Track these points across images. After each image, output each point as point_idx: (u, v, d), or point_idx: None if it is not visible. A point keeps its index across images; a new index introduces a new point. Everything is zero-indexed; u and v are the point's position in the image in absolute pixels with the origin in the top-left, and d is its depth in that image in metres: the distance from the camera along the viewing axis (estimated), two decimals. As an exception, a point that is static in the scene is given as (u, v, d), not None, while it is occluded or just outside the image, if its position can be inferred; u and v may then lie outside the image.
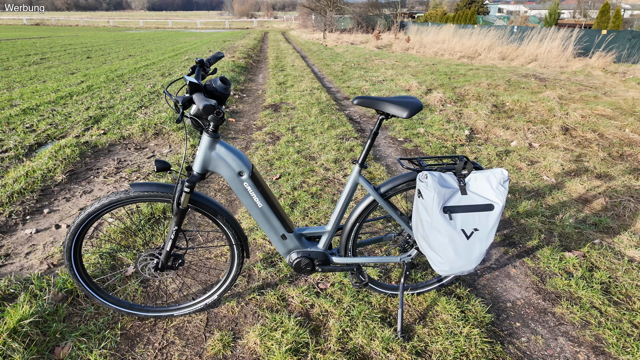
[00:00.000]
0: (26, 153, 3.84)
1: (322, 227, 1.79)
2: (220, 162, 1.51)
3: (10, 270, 2.13)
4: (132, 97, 6.37)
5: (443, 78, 9.12)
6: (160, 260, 1.65)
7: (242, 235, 1.74)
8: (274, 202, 1.65)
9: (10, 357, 1.51)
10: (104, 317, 1.83)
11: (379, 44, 19.38)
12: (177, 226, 1.58)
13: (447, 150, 4.38)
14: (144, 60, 11.76)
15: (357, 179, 1.65)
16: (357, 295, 2.00)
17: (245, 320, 1.87)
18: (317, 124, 5.08)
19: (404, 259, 1.82)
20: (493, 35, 15.53)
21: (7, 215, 2.66)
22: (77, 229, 1.54)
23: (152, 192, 1.54)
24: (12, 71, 9.27)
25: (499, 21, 32.25)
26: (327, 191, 3.21)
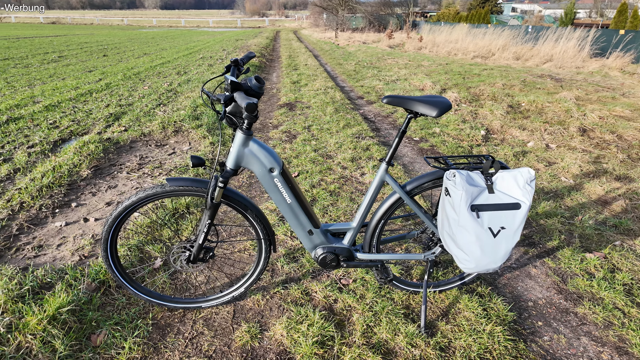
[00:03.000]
0: (51, 148, 3.95)
1: (348, 224, 1.83)
2: (253, 159, 1.56)
3: (44, 261, 2.21)
4: (150, 94, 6.48)
5: (457, 78, 9.08)
6: (193, 253, 1.70)
7: (270, 230, 1.79)
8: (302, 198, 1.69)
9: (50, 343, 1.59)
10: (136, 307, 1.90)
11: (391, 43, 19.32)
12: (210, 220, 1.63)
13: (464, 150, 4.38)
14: (159, 58, 11.92)
15: (383, 177, 1.69)
16: (379, 292, 2.04)
17: (271, 313, 1.91)
18: (332, 123, 5.11)
19: (428, 257, 1.85)
20: (507, 34, 15.37)
21: (38, 208, 2.75)
22: (115, 221, 1.60)
23: (187, 187, 1.59)
24: (32, 69, 9.48)
25: (513, 20, 31.89)
26: (345, 189, 3.25)
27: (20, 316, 1.66)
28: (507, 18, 34.75)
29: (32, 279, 1.90)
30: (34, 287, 1.87)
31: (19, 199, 2.80)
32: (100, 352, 1.64)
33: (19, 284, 1.84)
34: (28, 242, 2.39)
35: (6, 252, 2.28)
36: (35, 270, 2.00)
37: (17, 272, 1.95)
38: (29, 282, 1.87)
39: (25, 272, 2.00)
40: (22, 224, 2.55)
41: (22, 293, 1.79)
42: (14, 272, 1.94)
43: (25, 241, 2.40)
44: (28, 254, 2.27)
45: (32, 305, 1.72)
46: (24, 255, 2.26)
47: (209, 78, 1.57)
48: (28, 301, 1.76)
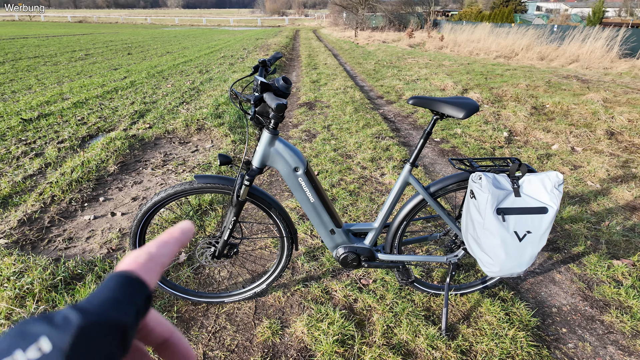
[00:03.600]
0: (80, 144, 4.08)
1: (370, 224, 1.83)
2: (278, 158, 1.58)
3: (74, 253, 2.30)
4: (173, 93, 6.62)
5: (479, 78, 8.93)
6: (218, 249, 1.74)
7: (292, 228, 1.81)
8: (325, 198, 1.71)
9: (82, 332, 1.65)
10: (161, 300, 1.95)
11: (412, 42, 19.13)
12: (236, 217, 1.67)
13: (486, 152, 4.31)
14: (182, 57, 12.14)
15: (407, 178, 1.69)
16: (399, 293, 2.04)
17: (292, 310, 1.94)
18: (352, 123, 5.11)
19: (451, 259, 1.84)
20: (532, 34, 15.02)
21: (68, 202, 2.85)
22: (144, 215, 1.65)
23: (214, 184, 1.63)
24: (61, 66, 9.80)
25: (537, 20, 31.11)
26: (364, 189, 3.25)
27: (54, 305, 1.73)
28: (532, 17, 33.91)
29: (63, 270, 1.98)
30: (66, 277, 1.95)
31: (50, 193, 2.91)
32: (128, 343, 1.69)
33: (52, 274, 1.92)
34: (59, 234, 2.48)
35: (39, 243, 2.38)
36: (66, 262, 2.08)
37: (50, 263, 2.03)
38: (61, 273, 1.94)
39: (58, 263, 2.08)
40: (53, 217, 2.65)
41: (55, 283, 1.87)
42: (47, 262, 2.02)
43: (56, 233, 2.50)
44: (59, 246, 2.36)
45: (65, 295, 1.79)
46: (56, 246, 2.36)
47: (238, 78, 1.60)
48: (60, 291, 1.83)
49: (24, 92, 6.62)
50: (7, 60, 10.70)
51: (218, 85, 7.10)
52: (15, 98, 6.16)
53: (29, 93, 6.56)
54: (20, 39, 18.32)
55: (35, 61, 10.64)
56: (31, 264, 1.99)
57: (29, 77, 8.18)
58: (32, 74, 8.50)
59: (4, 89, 6.85)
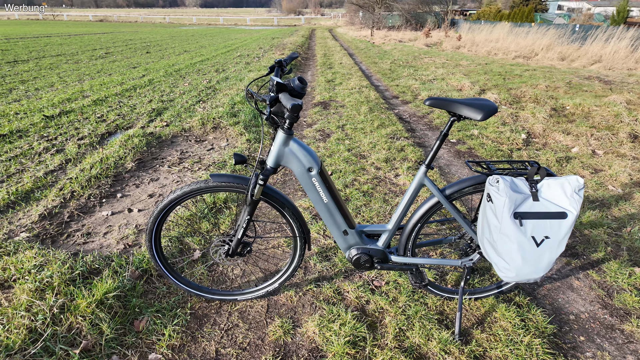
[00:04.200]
0: (99, 141, 4.17)
1: (383, 226, 1.82)
2: (292, 158, 1.59)
3: (92, 248, 2.35)
4: (190, 91, 6.70)
5: (497, 78, 8.78)
6: (231, 247, 1.75)
7: (305, 228, 1.81)
8: (338, 198, 1.70)
9: (98, 325, 1.69)
10: (175, 296, 1.98)
11: (429, 41, 18.93)
12: (249, 216, 1.68)
13: (503, 154, 4.24)
14: (199, 56, 12.28)
15: (422, 180, 1.67)
16: (412, 296, 2.02)
17: (304, 310, 1.94)
18: (366, 123, 5.09)
19: (465, 263, 1.81)
20: (552, 34, 14.70)
21: (87, 198, 2.92)
22: (160, 213, 1.68)
23: (229, 183, 1.64)
24: (82, 64, 10.03)
25: (558, 19, 30.39)
26: (378, 190, 3.23)
27: (72, 298, 1.78)
28: (553, 16, 33.14)
29: (82, 264, 2.02)
30: (84, 272, 1.99)
31: (70, 188, 2.98)
32: (142, 337, 1.72)
33: (70, 268, 1.96)
34: (78, 229, 2.54)
35: (59, 238, 2.44)
36: (84, 256, 2.13)
37: (69, 257, 2.08)
38: (79, 267, 1.99)
39: (76, 257, 2.13)
40: (72, 212, 2.72)
41: (73, 277, 1.91)
42: (66, 256, 2.07)
43: (75, 228, 2.56)
44: (78, 240, 2.42)
45: (82, 289, 1.83)
46: (74, 241, 2.41)
47: (254, 78, 1.62)
48: (78, 285, 1.88)
49: (47, 90, 6.80)
50: (32, 58, 11.01)
51: (234, 84, 7.16)
52: (39, 95, 6.33)
53: (51, 90, 6.73)
54: (44, 37, 18.83)
55: (58, 59, 10.91)
56: (51, 257, 2.04)
57: (52, 74, 8.40)
58: (54, 72, 8.73)
59: (27, 86, 7.05)
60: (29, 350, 1.54)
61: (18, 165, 3.46)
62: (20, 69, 9.00)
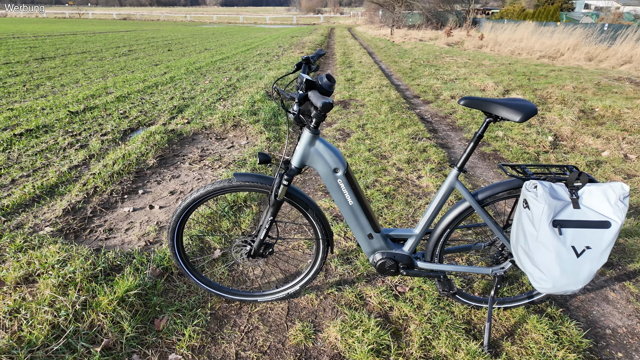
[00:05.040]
0: (121, 137, 4.22)
1: (410, 230, 1.75)
2: (318, 158, 1.54)
3: (114, 244, 2.36)
4: (211, 89, 6.74)
5: (522, 79, 8.54)
6: (253, 248, 1.72)
7: (329, 230, 1.76)
8: (364, 201, 1.65)
9: (119, 324, 1.67)
10: (195, 296, 1.96)
11: (450, 41, 18.60)
12: (272, 217, 1.64)
13: (530, 156, 4.09)
14: (219, 54, 12.37)
15: (453, 184, 1.59)
16: (437, 303, 1.94)
17: (325, 314, 1.89)
18: (387, 122, 5.00)
19: (496, 272, 1.73)
20: (579, 33, 14.23)
21: (109, 193, 2.94)
22: (183, 212, 1.65)
23: (252, 183, 1.61)
24: (106, 61, 10.23)
25: (585, 18, 29.43)
26: (400, 192, 3.15)
27: (94, 295, 1.77)
28: (579, 15, 32.12)
29: (103, 261, 2.02)
30: (106, 268, 1.99)
31: (93, 184, 3.01)
32: (163, 337, 1.70)
33: (92, 264, 1.97)
34: (100, 225, 2.56)
35: (82, 233, 2.46)
36: (106, 253, 2.13)
37: (92, 253, 2.09)
38: (101, 264, 1.99)
39: (98, 253, 2.13)
40: (95, 207, 2.74)
41: (95, 273, 1.92)
42: (88, 252, 2.08)
43: (97, 223, 2.58)
44: (100, 236, 2.43)
45: (104, 285, 1.83)
46: (97, 236, 2.43)
47: (281, 75, 1.57)
48: (100, 281, 1.87)
49: (72, 86, 6.94)
50: (58, 55, 11.29)
51: (254, 83, 7.17)
52: (64, 91, 6.47)
53: (76, 87, 6.87)
54: (70, 35, 19.33)
55: (83, 56, 11.16)
56: (74, 253, 2.05)
57: (77, 71, 8.58)
58: (79, 69, 8.92)
59: (54, 82, 7.22)
60: (51, 346, 1.54)
61: (43, 159, 3.52)
62: (47, 66, 9.23)
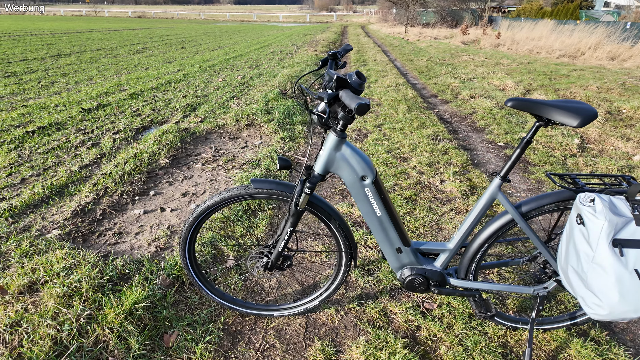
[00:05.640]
0: (133, 135, 4.13)
1: (443, 244, 1.59)
2: (344, 165, 1.39)
3: (123, 249, 2.25)
4: (224, 87, 6.63)
5: (542, 78, 8.26)
6: (271, 260, 1.58)
7: (352, 242, 1.61)
8: (393, 212, 1.49)
9: (126, 340, 1.56)
10: (208, 308, 1.83)
11: (465, 39, 18.25)
12: (292, 227, 1.50)
13: (557, 160, 3.88)
14: (232, 52, 12.30)
15: (495, 194, 1.43)
16: (469, 322, 1.78)
17: (346, 333, 1.75)
18: (405, 122, 4.83)
19: (538, 292, 1.56)
20: (601, 32, 13.79)
21: (119, 195, 2.84)
22: (196, 220, 1.52)
23: (271, 190, 1.47)
24: (120, 59, 10.23)
25: (606, 17, 28.61)
26: (422, 197, 2.99)
27: (100, 307, 1.66)
28: (600, 14, 31.26)
29: (111, 269, 1.91)
30: (113, 277, 1.88)
31: (104, 184, 2.91)
32: (172, 355, 1.58)
33: (99, 272, 1.86)
34: (109, 228, 2.46)
35: (90, 237, 2.36)
36: (114, 259, 2.02)
37: (99, 260, 1.98)
38: (109, 272, 1.88)
39: (106, 260, 2.02)
40: (105, 209, 2.64)
41: (102, 282, 1.80)
42: (95, 259, 1.97)
43: (107, 227, 2.47)
44: (109, 240, 2.32)
45: (111, 296, 1.71)
46: (105, 241, 2.32)
47: (306, 72, 1.44)
48: (107, 292, 1.76)
49: (86, 83, 6.92)
50: (74, 52, 11.34)
51: (268, 81, 7.05)
52: (78, 88, 6.44)
53: (90, 84, 6.84)
54: (85, 32, 19.50)
55: (98, 53, 11.19)
56: (80, 259, 1.94)
57: (91, 68, 8.58)
58: (94, 66, 8.92)
59: (68, 79, 7.21)
60: (54, 363, 1.43)
61: (54, 158, 3.44)
62: (62, 63, 9.26)
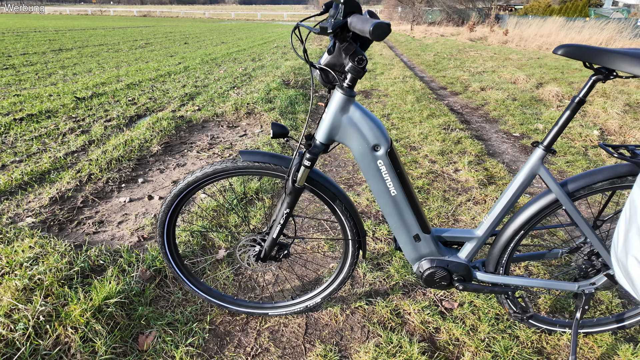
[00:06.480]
0: (127, 123, 3.91)
1: (470, 232, 1.34)
2: (352, 131, 1.14)
3: (102, 239, 2.01)
4: (225, 78, 6.41)
5: (554, 72, 7.97)
6: (264, 249, 1.33)
7: (361, 229, 1.36)
8: (411, 191, 1.24)
9: (91, 342, 1.31)
10: (192, 305, 1.59)
11: (472, 36, 17.94)
12: (289, 209, 1.25)
13: (577, 150, 3.61)
14: (236, 47, 12.08)
15: (537, 168, 1.17)
16: (496, 324, 1.53)
17: (353, 335, 1.50)
18: (414, 112, 4.57)
19: (584, 288, 1.30)
20: (612, 28, 13.49)
21: (105, 182, 2.61)
22: (175, 199, 1.28)
23: (264, 164, 1.22)
24: (121, 53, 10.03)
25: (616, 14, 28.13)
26: (436, 187, 2.73)
27: (64, 303, 1.42)
28: (609, 11, 30.76)
29: (84, 259, 1.67)
30: (85, 268, 1.64)
31: (88, 170, 2.68)
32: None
33: (69, 263, 1.62)
34: (90, 217, 2.22)
35: (67, 225, 2.12)
36: (89, 249, 1.78)
37: (71, 250, 1.74)
38: (80, 263, 1.64)
39: (79, 250, 1.79)
40: (87, 197, 2.41)
41: (70, 275, 1.57)
42: (67, 248, 1.73)
43: (87, 215, 2.24)
44: (88, 230, 2.09)
45: (79, 290, 1.47)
46: (84, 230, 2.09)
47: (308, 15, 1.20)
48: (75, 285, 1.52)
49: (84, 74, 6.71)
50: (75, 47, 11.17)
51: (270, 72, 6.81)
52: (75, 79, 6.23)
53: (88, 75, 6.64)
54: (90, 29, 19.38)
55: (99, 48, 11.01)
56: (49, 249, 1.70)
57: (91, 61, 8.38)
58: (94, 59, 8.73)
59: (66, 72, 7.01)
60: (3, 369, 1.19)
61: (40, 145, 3.22)
62: (63, 57, 9.08)
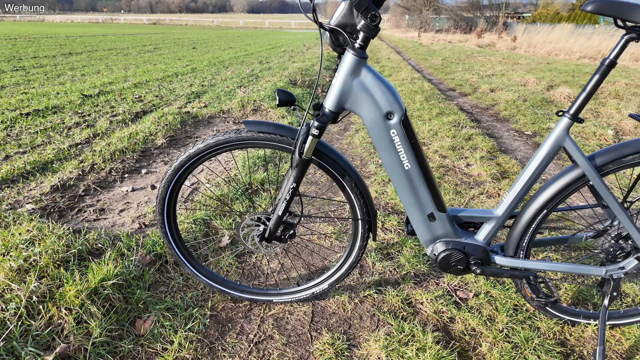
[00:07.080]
0: (132, 119, 3.88)
1: (488, 211, 1.25)
2: (364, 96, 1.07)
3: (102, 225, 1.95)
4: (232, 78, 6.39)
5: (565, 76, 7.86)
6: (269, 228, 1.26)
7: (372, 208, 1.29)
8: (426, 165, 1.16)
9: (85, 323, 1.24)
10: (193, 291, 1.51)
11: (480, 42, 17.88)
12: (296, 183, 1.18)
13: (592, 148, 3.52)
14: (243, 51, 12.14)
15: (562, 139, 1.09)
16: (514, 314, 1.43)
17: (362, 324, 1.41)
18: (423, 111, 4.50)
19: (613, 273, 1.21)
20: (623, 34, 13.35)
21: (108, 172, 2.56)
22: (175, 174, 1.22)
23: (268, 134, 1.16)
24: (130, 57, 10.12)
25: (625, 22, 27.96)
26: (447, 180, 2.64)
27: (60, 284, 1.35)
28: (618, 19, 30.59)
29: (82, 242, 1.61)
30: (82, 251, 1.58)
31: (91, 160, 2.64)
32: (144, 344, 1.26)
33: (66, 245, 1.56)
34: (91, 205, 2.17)
35: (68, 212, 2.07)
36: (87, 233, 1.72)
37: (69, 233, 1.68)
38: (78, 245, 1.58)
39: (78, 234, 1.73)
40: (89, 185, 2.35)
41: (67, 257, 1.50)
42: (65, 232, 1.67)
43: (89, 203, 2.19)
44: (88, 217, 2.03)
45: (75, 272, 1.41)
46: (84, 217, 2.03)
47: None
48: (72, 267, 1.46)
49: (92, 75, 6.75)
50: (85, 51, 11.30)
51: (277, 73, 6.79)
52: (83, 79, 6.26)
53: (96, 76, 6.67)
54: (100, 36, 19.66)
55: (109, 52, 11.12)
56: (47, 232, 1.64)
57: (100, 64, 8.44)
58: (103, 62, 8.79)
59: (75, 73, 7.05)
60: (-9, 350, 1.13)
61: (45, 137, 3.19)
62: (72, 59, 9.16)
